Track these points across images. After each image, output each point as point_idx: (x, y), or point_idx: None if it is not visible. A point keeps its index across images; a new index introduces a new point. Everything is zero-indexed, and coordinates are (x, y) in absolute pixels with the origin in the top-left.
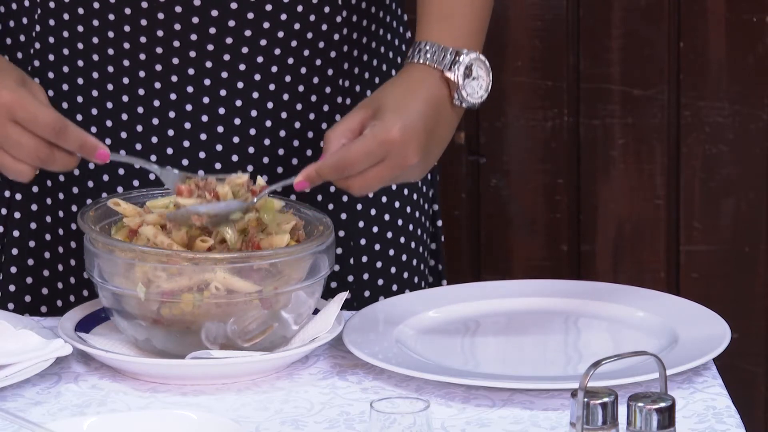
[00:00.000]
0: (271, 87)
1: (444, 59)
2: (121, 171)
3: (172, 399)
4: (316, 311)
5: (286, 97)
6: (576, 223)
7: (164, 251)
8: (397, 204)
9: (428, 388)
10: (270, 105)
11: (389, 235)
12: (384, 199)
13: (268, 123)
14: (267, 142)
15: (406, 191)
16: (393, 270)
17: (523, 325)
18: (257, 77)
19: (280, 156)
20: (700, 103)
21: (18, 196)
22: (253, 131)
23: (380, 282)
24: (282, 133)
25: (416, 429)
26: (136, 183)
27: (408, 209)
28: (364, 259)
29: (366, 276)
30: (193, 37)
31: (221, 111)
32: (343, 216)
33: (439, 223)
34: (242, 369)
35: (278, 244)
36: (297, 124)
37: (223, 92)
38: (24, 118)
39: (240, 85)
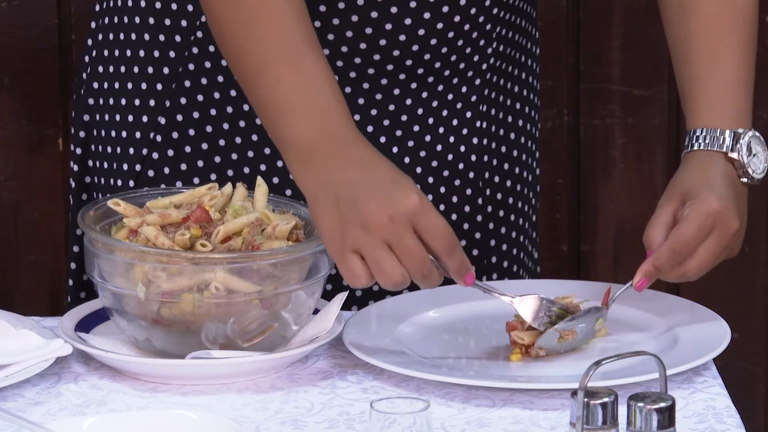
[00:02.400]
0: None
1: (724, 142)
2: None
3: (172, 399)
4: (316, 311)
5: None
6: (576, 223)
7: (164, 251)
8: (454, 216)
9: (428, 388)
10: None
11: None
12: None
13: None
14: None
15: None
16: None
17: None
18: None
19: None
20: None
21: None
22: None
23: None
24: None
25: (416, 429)
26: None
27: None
28: None
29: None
30: (339, 63)
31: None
32: None
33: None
34: (242, 369)
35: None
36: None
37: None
38: (425, 227)
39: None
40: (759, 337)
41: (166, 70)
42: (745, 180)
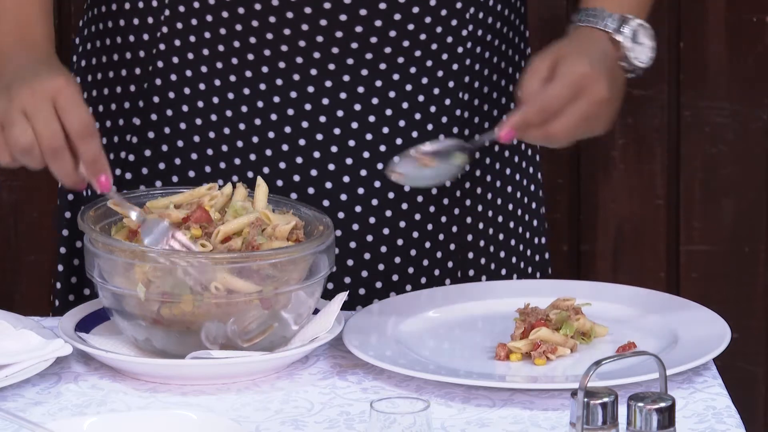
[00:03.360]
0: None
1: (612, 24)
2: (162, 165)
3: (172, 399)
4: (316, 311)
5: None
6: (576, 223)
7: (164, 251)
8: (404, 206)
9: (428, 388)
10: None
11: (386, 232)
12: (385, 199)
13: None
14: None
15: (420, 197)
16: (393, 275)
17: None
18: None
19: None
20: (700, 103)
21: (70, 197)
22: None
23: (378, 285)
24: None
25: (416, 429)
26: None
27: (417, 215)
28: (367, 256)
29: (365, 274)
30: (316, 55)
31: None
32: (341, 215)
33: (543, 239)
34: (242, 369)
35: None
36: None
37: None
38: (63, 105)
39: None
40: (759, 337)
41: (137, 71)
42: (625, 65)
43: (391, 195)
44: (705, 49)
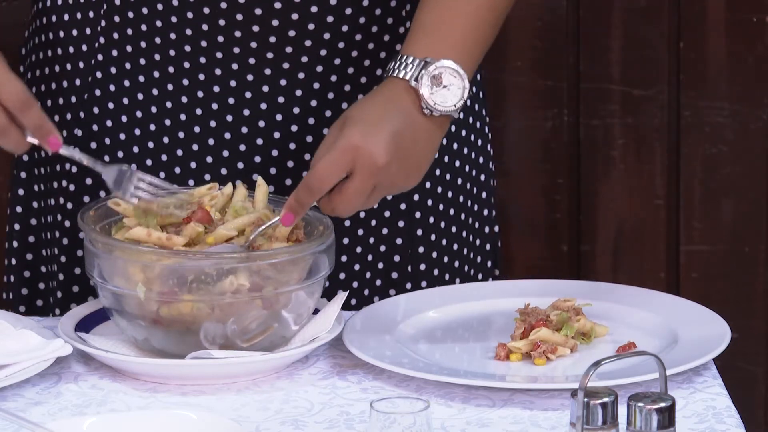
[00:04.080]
0: (283, 82)
1: (411, 70)
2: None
3: (172, 399)
4: (316, 311)
5: (299, 93)
6: (576, 223)
7: (163, 251)
8: (403, 206)
9: (428, 388)
10: (281, 99)
11: (388, 237)
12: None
13: (279, 117)
14: (277, 135)
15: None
16: (394, 275)
17: None
18: (268, 71)
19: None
20: (700, 103)
21: (20, 191)
22: (265, 130)
23: (379, 282)
24: (294, 128)
25: (416, 429)
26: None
27: (417, 213)
28: (369, 258)
29: (368, 278)
30: (251, 61)
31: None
32: (347, 223)
33: (496, 228)
34: (242, 369)
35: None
36: (311, 120)
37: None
38: None
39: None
40: (759, 337)
41: (78, 82)
42: (428, 112)
43: None
44: (705, 49)
